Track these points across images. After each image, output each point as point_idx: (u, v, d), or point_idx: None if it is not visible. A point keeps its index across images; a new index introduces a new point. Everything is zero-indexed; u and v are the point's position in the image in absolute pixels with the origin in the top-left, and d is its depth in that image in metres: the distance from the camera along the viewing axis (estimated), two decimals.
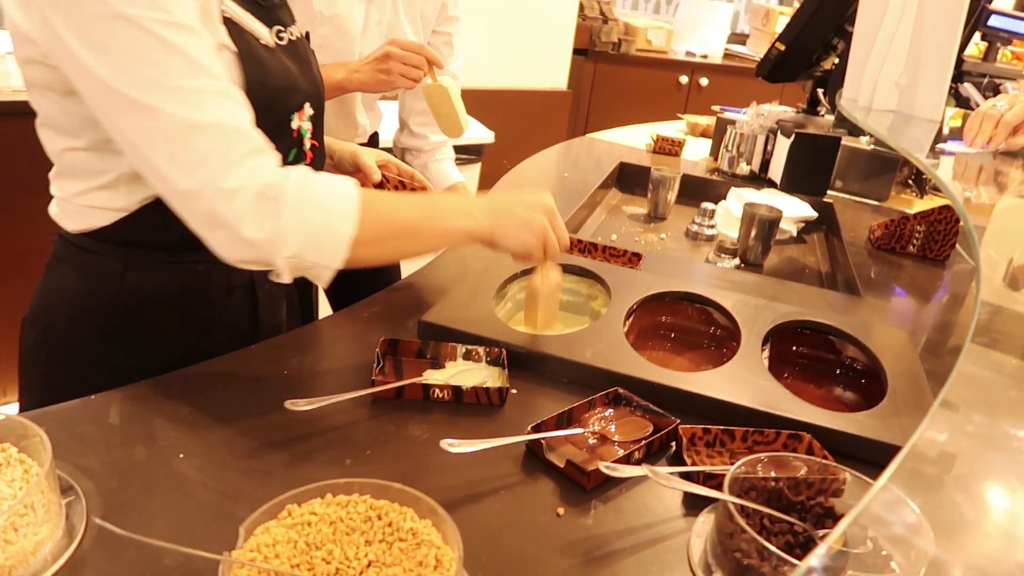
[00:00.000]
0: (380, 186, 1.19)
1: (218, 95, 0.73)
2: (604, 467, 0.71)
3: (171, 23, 0.70)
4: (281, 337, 0.94)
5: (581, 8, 3.67)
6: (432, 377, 0.88)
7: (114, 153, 0.82)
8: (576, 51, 3.52)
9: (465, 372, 0.90)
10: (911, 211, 1.82)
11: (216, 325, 0.96)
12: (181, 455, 0.72)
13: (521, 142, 1.47)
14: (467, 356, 0.92)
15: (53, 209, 0.91)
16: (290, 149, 0.92)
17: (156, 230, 0.87)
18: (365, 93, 1.50)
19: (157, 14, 0.69)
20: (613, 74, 3.73)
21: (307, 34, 1.01)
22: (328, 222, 0.77)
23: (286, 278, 0.79)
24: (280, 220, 0.74)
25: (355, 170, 1.18)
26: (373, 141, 1.66)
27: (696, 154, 2.24)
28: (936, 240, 1.53)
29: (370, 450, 0.76)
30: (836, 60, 2.09)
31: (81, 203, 0.87)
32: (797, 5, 2.04)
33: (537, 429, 0.78)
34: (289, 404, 0.76)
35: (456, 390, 0.84)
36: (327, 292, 1.59)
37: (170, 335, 0.94)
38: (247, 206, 0.73)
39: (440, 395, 0.85)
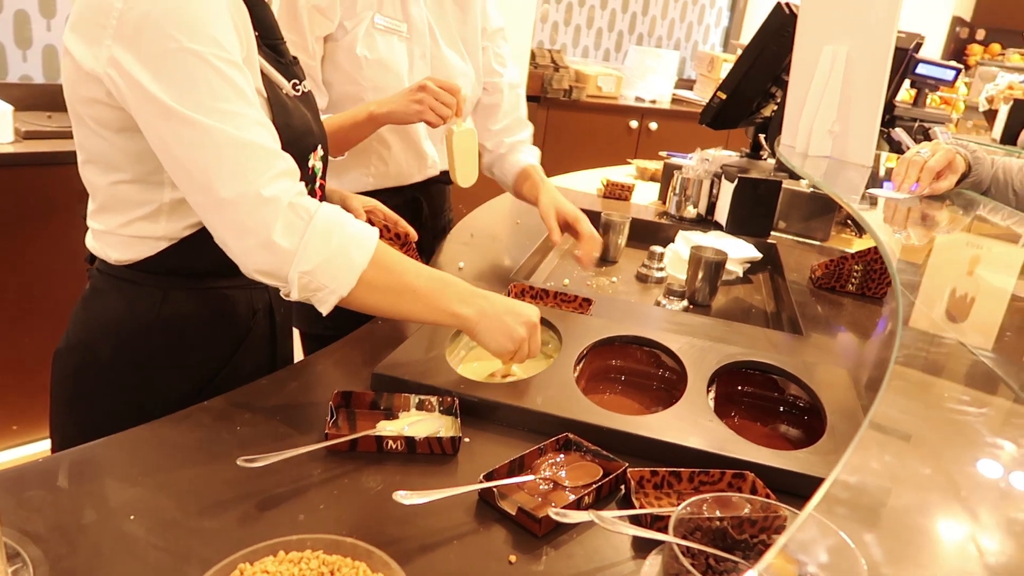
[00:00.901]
0: None
1: (258, 123, 0.85)
2: (553, 513, 0.73)
3: (227, 59, 0.82)
4: (234, 392, 0.95)
5: (533, 56, 3.77)
6: (385, 428, 0.89)
7: (157, 184, 0.92)
8: (529, 98, 3.60)
9: (418, 422, 0.91)
10: (851, 250, 1.89)
11: (241, 348, 1.06)
12: (132, 516, 0.72)
13: (476, 187, 1.51)
14: (420, 406, 0.94)
15: (92, 243, 1.00)
16: (306, 185, 1.01)
17: (195, 257, 0.96)
18: (417, 124, 1.52)
19: (216, 50, 0.81)
20: (565, 120, 3.82)
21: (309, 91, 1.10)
22: (346, 250, 0.87)
23: (294, 295, 0.86)
24: (306, 235, 0.84)
25: None
26: (446, 177, 1.64)
27: (646, 198, 2.30)
28: (873, 279, 1.60)
29: (323, 504, 0.77)
30: (775, 107, 2.18)
31: (125, 234, 0.95)
32: (738, 55, 2.14)
33: (489, 477, 0.80)
34: (241, 461, 0.76)
35: (409, 441, 0.86)
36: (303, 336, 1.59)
37: (202, 358, 1.02)
38: (279, 215, 0.83)
39: (394, 446, 0.86)
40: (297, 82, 1.02)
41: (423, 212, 1.68)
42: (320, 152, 1.06)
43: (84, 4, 0.83)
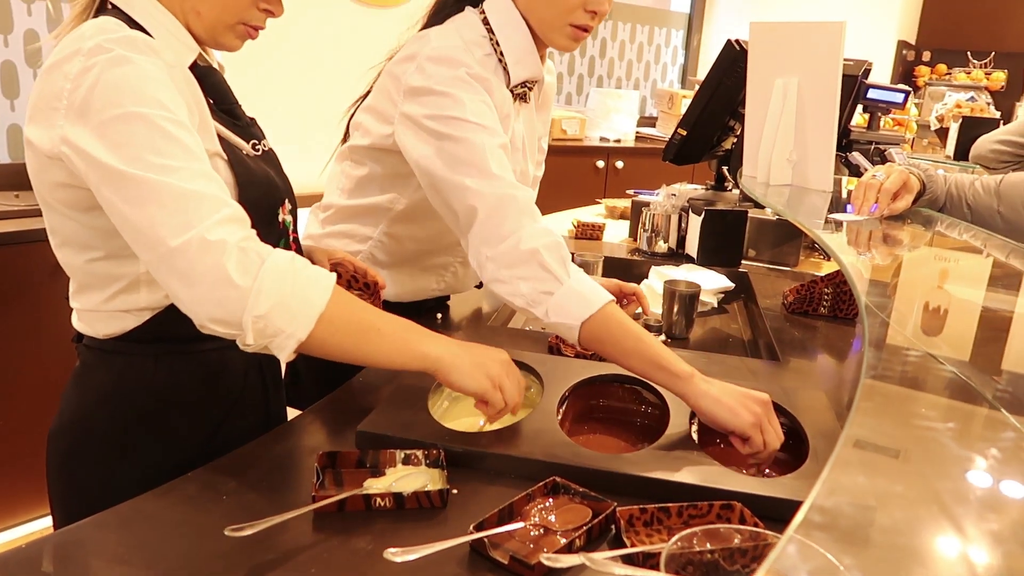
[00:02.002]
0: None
1: (203, 175, 0.85)
2: (544, 559, 0.73)
3: (171, 119, 0.84)
4: (219, 461, 0.94)
5: None
6: (373, 486, 0.88)
7: (130, 257, 0.93)
8: None
9: (406, 477, 0.91)
10: (820, 274, 1.93)
11: (235, 408, 1.07)
12: None
13: None
14: (406, 460, 0.94)
15: (78, 322, 1.00)
16: (279, 239, 1.04)
17: (181, 322, 0.92)
18: None
19: (160, 111, 0.84)
20: None
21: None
22: (302, 290, 0.85)
23: (250, 341, 0.84)
24: (258, 277, 0.83)
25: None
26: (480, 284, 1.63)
27: (617, 236, 2.34)
28: (844, 300, 1.63)
29: (315, 568, 0.76)
30: (735, 140, 2.24)
31: (108, 309, 0.96)
32: (697, 89, 2.20)
33: (480, 528, 0.80)
34: (229, 531, 0.76)
35: (397, 497, 0.86)
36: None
37: (198, 420, 1.03)
38: (229, 258, 0.82)
39: (382, 503, 0.86)
40: (256, 142, 1.04)
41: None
42: (288, 206, 1.08)
43: (37, 95, 0.86)
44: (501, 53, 1.24)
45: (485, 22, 1.24)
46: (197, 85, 0.94)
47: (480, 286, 1.65)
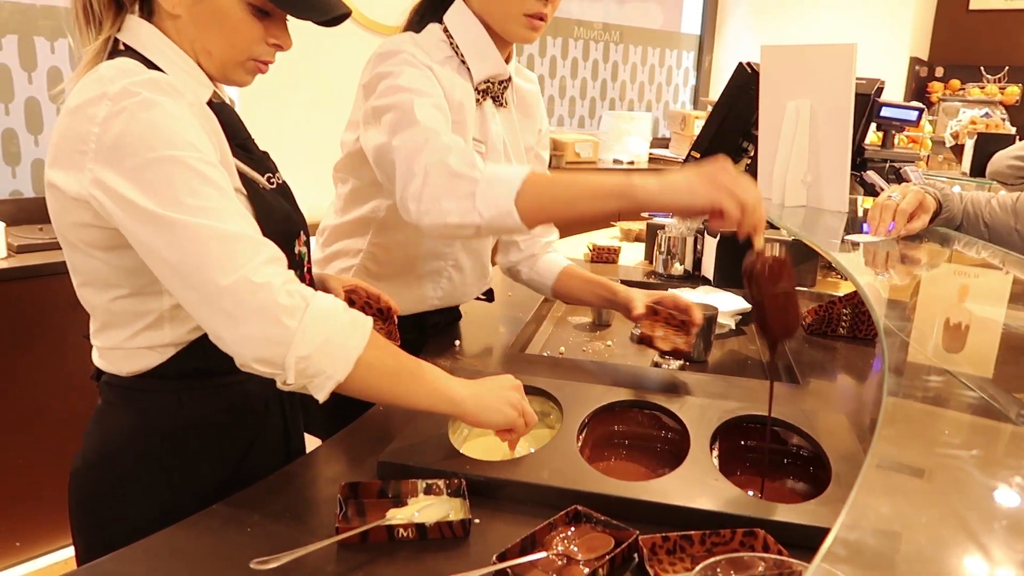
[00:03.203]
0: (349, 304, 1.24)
1: (239, 214, 0.88)
2: None
3: (202, 159, 0.87)
4: (242, 493, 0.95)
5: None
6: (395, 517, 0.89)
7: (155, 294, 0.94)
8: None
9: (427, 507, 0.91)
10: (838, 294, 1.92)
11: (258, 440, 1.08)
12: None
13: None
14: (428, 490, 0.94)
15: (100, 360, 1.01)
16: (296, 271, 1.04)
17: (204, 357, 0.97)
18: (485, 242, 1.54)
19: (192, 152, 0.86)
20: None
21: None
22: (343, 333, 0.88)
23: (291, 381, 0.86)
24: (304, 320, 0.85)
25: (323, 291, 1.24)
26: (489, 294, 1.68)
27: (632, 259, 2.34)
28: (863, 321, 1.62)
29: None
30: (748, 161, 2.25)
31: (131, 347, 0.97)
32: (709, 110, 2.21)
33: (502, 558, 0.80)
34: (255, 564, 0.77)
35: (420, 527, 0.86)
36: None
37: (221, 455, 1.04)
38: (275, 299, 0.84)
39: (405, 534, 0.86)
40: (271, 175, 1.06)
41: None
42: (304, 238, 1.09)
43: (61, 137, 0.87)
44: (462, 55, 1.32)
45: (445, 31, 1.33)
46: (217, 122, 0.96)
47: (488, 295, 1.67)
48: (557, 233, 1.67)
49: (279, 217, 1.02)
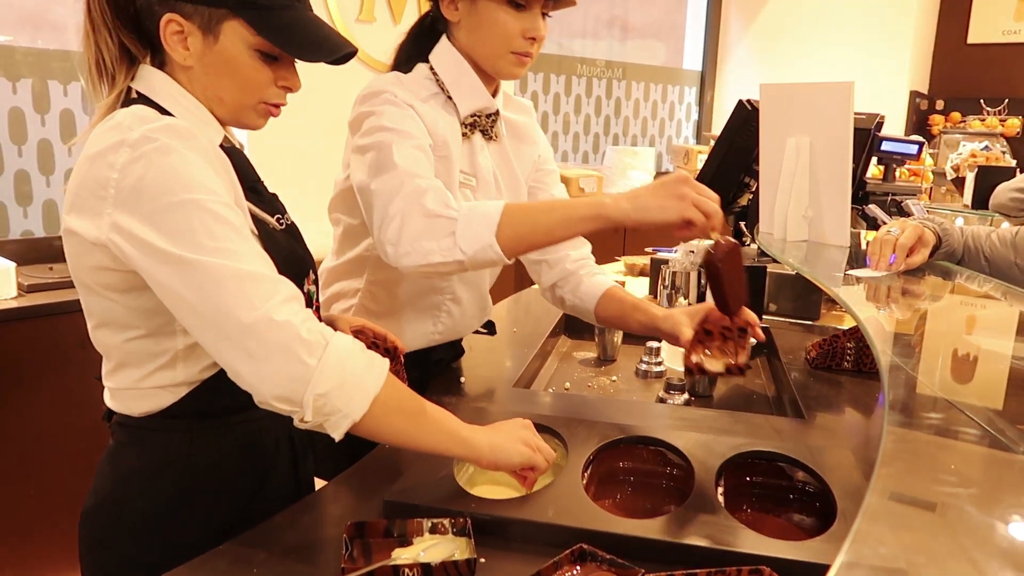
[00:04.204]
0: None
1: (257, 255, 0.91)
2: None
3: (220, 202, 0.89)
4: (249, 534, 0.95)
5: None
6: (401, 556, 0.89)
7: (170, 334, 0.96)
8: None
9: (433, 547, 0.91)
10: (843, 327, 1.92)
11: (268, 478, 1.08)
12: None
13: None
14: (433, 530, 0.94)
15: (111, 401, 1.02)
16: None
17: (215, 398, 0.99)
18: (484, 274, 1.55)
19: (210, 196, 0.88)
20: None
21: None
22: (361, 372, 0.90)
23: (308, 418, 0.87)
24: (323, 358, 0.87)
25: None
26: (490, 327, 1.69)
27: (637, 293, 2.35)
28: (867, 354, 1.62)
29: None
30: (750, 196, 2.27)
31: (145, 386, 0.98)
32: (711, 145, 2.24)
33: None
34: None
35: (425, 568, 0.86)
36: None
37: (232, 493, 1.05)
38: (296, 336, 0.86)
39: (410, 574, 0.86)
40: (280, 216, 1.08)
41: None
42: (312, 276, 1.11)
43: (79, 184, 0.89)
44: (447, 91, 1.35)
45: (431, 69, 1.36)
46: (230, 165, 0.98)
47: (489, 328, 1.67)
48: (589, 246, 1.59)
49: (289, 257, 1.04)
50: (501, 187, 1.47)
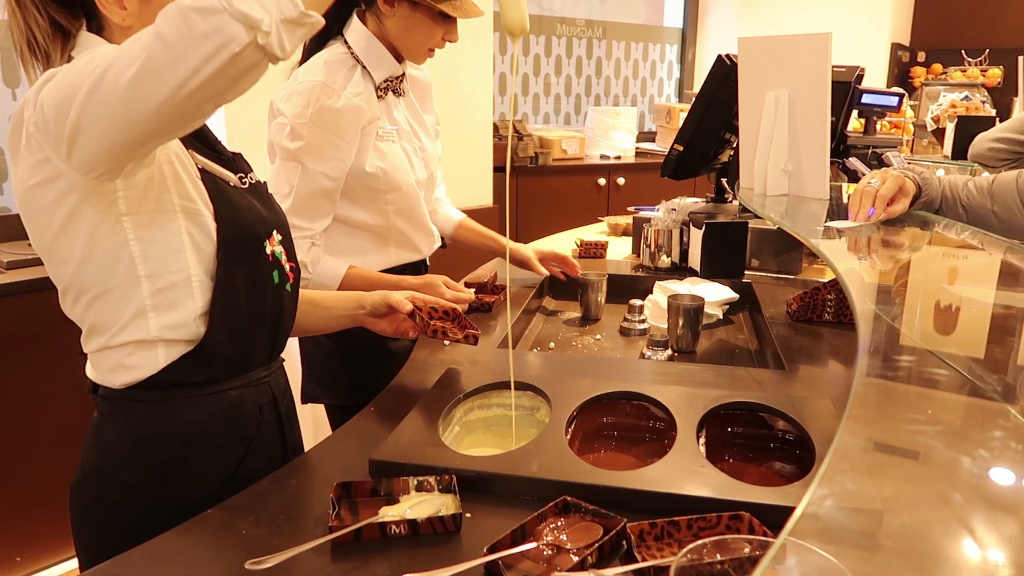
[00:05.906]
0: (412, 315, 1.29)
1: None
2: None
3: None
4: (237, 497, 0.96)
5: (496, 129, 3.89)
6: (387, 514, 0.90)
7: (132, 283, 0.96)
8: (497, 168, 3.70)
9: (419, 504, 0.93)
10: (824, 280, 1.94)
11: (253, 445, 1.09)
12: None
13: (456, 258, 1.62)
14: (419, 487, 0.95)
15: (92, 372, 1.03)
16: (272, 271, 1.07)
17: (195, 370, 1.01)
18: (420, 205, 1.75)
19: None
20: (535, 186, 3.91)
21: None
22: None
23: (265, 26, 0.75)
24: None
25: (389, 310, 1.30)
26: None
27: (620, 253, 2.36)
28: (847, 306, 1.64)
29: None
30: (731, 152, 2.27)
31: (118, 343, 0.98)
32: (693, 103, 2.22)
33: (493, 550, 0.81)
34: (249, 564, 0.78)
35: (412, 523, 0.87)
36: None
37: (217, 460, 1.05)
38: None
39: (397, 531, 0.87)
40: (243, 175, 1.08)
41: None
42: (278, 237, 1.10)
43: (6, 146, 0.92)
44: (362, 62, 1.58)
45: (346, 44, 1.58)
46: None
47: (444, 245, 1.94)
48: (443, 187, 1.96)
49: (247, 215, 1.04)
50: (418, 133, 1.73)
